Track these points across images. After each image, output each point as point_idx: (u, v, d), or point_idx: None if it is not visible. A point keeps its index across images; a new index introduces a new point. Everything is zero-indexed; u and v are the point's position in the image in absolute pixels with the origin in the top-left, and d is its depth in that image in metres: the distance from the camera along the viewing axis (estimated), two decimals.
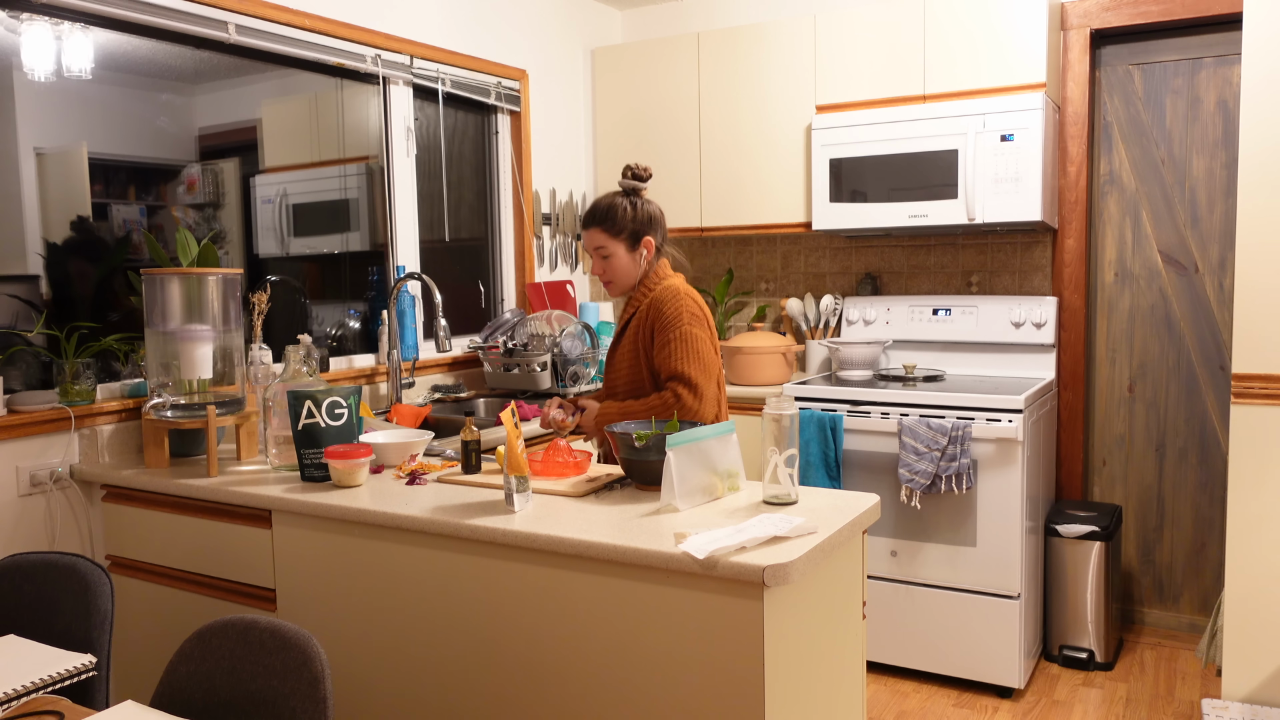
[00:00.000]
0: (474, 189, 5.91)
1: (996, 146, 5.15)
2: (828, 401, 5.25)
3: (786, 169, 5.88)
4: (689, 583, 2.50)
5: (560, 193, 6.39)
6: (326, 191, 4.95)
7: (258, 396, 3.93)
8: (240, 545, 3.42)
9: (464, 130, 5.83)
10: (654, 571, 2.55)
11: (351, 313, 5.13)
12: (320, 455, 3.39)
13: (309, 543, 3.23)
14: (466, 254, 5.87)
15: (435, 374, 5.38)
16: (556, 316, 5.43)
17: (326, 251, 4.97)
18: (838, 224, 5.58)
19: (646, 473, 3.16)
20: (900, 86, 5.50)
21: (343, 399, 3.41)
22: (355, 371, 4.90)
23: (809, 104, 5.78)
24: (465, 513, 2.92)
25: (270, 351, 4.06)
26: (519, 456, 2.92)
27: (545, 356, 5.22)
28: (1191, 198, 5.51)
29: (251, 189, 4.62)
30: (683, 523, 2.75)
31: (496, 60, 5.80)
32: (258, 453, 3.89)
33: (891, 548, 5.11)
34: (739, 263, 6.70)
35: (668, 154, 6.28)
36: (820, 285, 6.42)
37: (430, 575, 2.97)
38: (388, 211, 5.26)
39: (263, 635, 2.39)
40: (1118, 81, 5.64)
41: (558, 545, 2.67)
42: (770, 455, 2.93)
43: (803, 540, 2.56)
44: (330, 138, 4.99)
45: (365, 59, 4.98)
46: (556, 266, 6.38)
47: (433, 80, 5.39)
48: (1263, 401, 4.16)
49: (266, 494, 3.28)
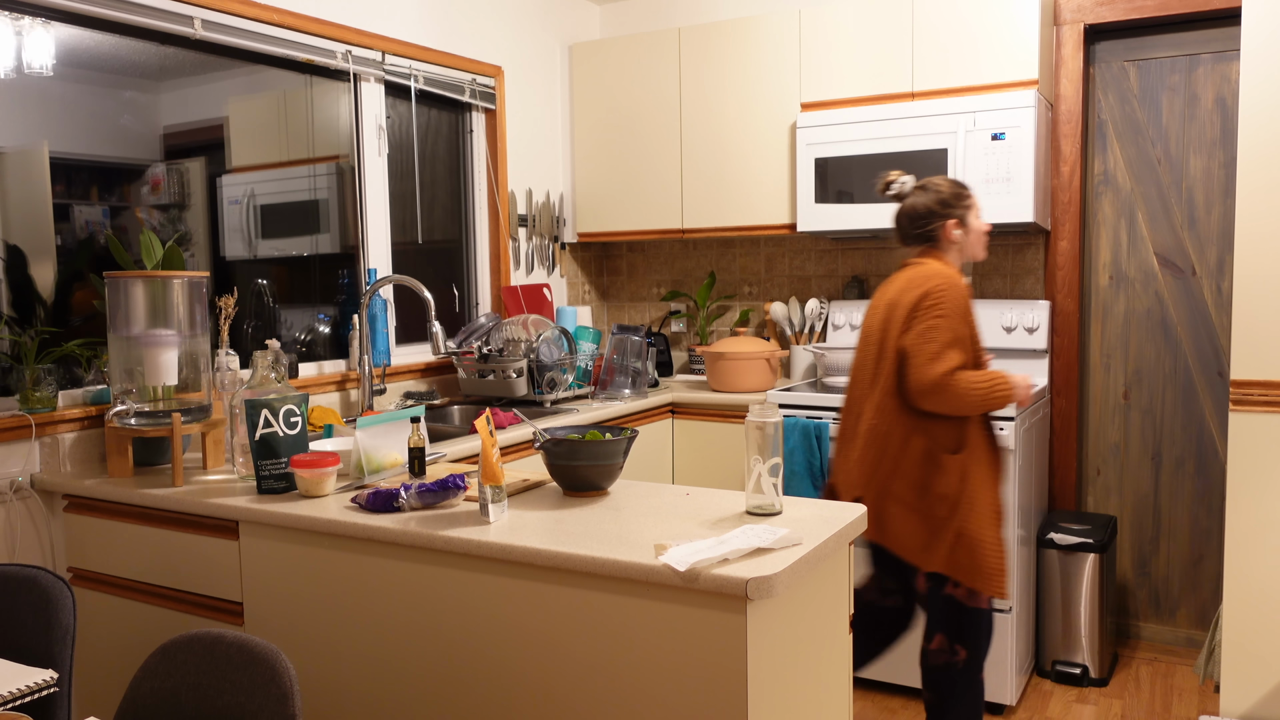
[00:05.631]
0: (448, 189, 5.92)
1: (987, 146, 5.18)
2: (813, 409, 5.27)
3: (770, 169, 5.90)
4: (670, 596, 2.52)
5: (537, 193, 6.40)
6: (295, 192, 4.96)
7: (224, 404, 3.93)
8: (206, 557, 3.43)
9: (437, 129, 5.84)
10: (634, 584, 2.57)
11: (321, 317, 5.13)
12: (279, 465, 3.39)
13: (277, 555, 3.24)
14: (440, 256, 5.88)
15: (408, 380, 5.40)
16: (533, 321, 5.44)
17: (295, 254, 4.98)
18: (823, 225, 5.61)
19: (574, 478, 3.22)
20: (888, 84, 5.52)
21: (296, 407, 3.42)
22: (325, 378, 4.91)
23: (793, 102, 5.80)
24: (439, 523, 2.93)
25: (237, 357, 4.06)
26: (494, 466, 2.94)
27: (521, 362, 5.23)
28: (1189, 198, 5.54)
29: (218, 189, 4.63)
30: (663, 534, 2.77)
31: (471, 57, 5.82)
32: (224, 462, 3.90)
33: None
34: (721, 265, 6.72)
35: (648, 153, 6.31)
36: (805, 289, 6.45)
37: (402, 588, 2.98)
38: (359, 212, 5.27)
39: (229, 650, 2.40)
40: (1112, 78, 5.68)
41: (534, 557, 2.68)
42: (754, 464, 2.94)
43: (787, 552, 2.57)
44: (299, 136, 5.00)
45: (335, 55, 5.00)
46: (533, 269, 6.40)
47: (405, 77, 5.40)
48: (1262, 409, 4.18)
49: (233, 504, 3.29)
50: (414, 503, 3.11)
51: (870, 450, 4.00)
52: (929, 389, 3.84)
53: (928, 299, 3.93)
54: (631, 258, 7.06)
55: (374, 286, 4.93)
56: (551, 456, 3.21)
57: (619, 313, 7.14)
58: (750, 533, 2.66)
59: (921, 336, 3.89)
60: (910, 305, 3.96)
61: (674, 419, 5.81)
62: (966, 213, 4.17)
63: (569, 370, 5.42)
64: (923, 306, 3.93)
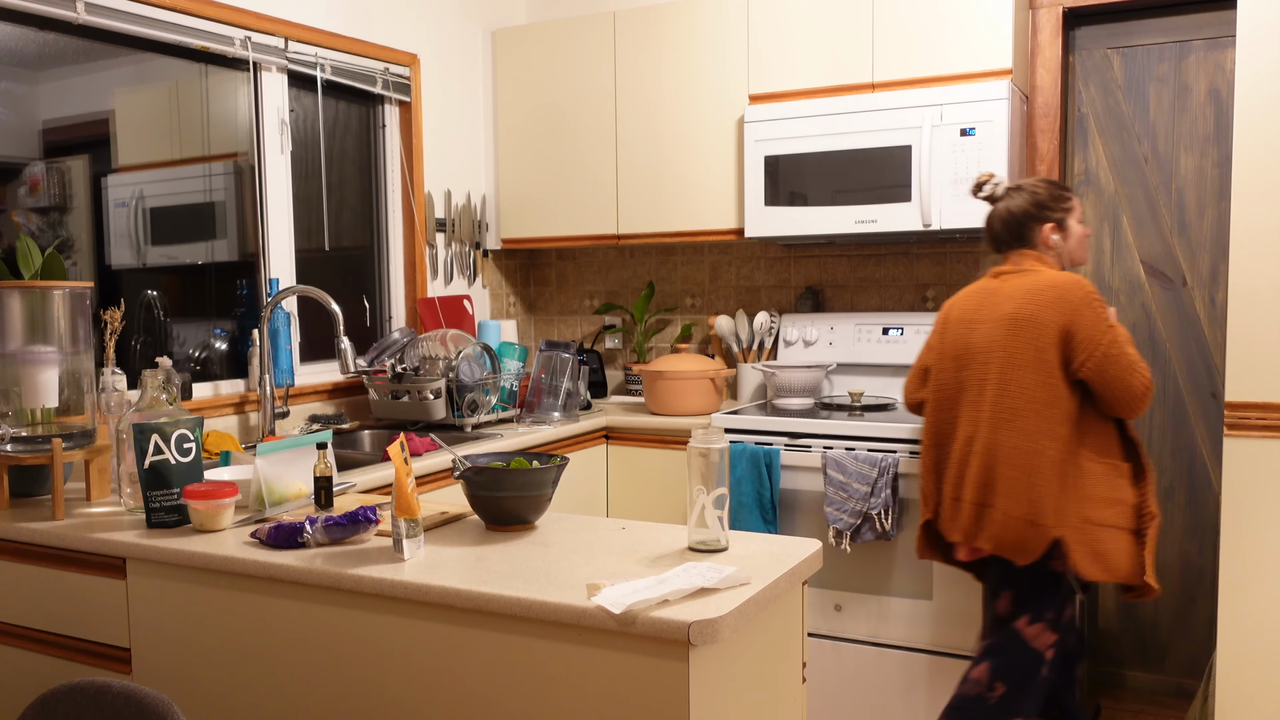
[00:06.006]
0: (358, 191, 5.92)
1: (956, 142, 5.21)
2: (762, 434, 5.29)
3: (715, 168, 5.93)
4: (603, 641, 2.51)
5: (457, 195, 6.41)
6: (189, 193, 4.95)
7: (110, 428, 3.91)
8: (90, 598, 3.41)
9: (347, 123, 5.84)
10: (564, 628, 2.56)
11: (218, 332, 5.12)
12: (172, 496, 3.37)
13: (168, 595, 3.22)
14: (349, 265, 5.88)
15: (314, 402, 5.39)
16: (452, 336, 5.44)
17: (189, 262, 4.96)
18: (774, 231, 5.64)
19: (497, 511, 3.22)
20: (846, 73, 5.55)
21: (189, 431, 3.41)
22: (222, 399, 4.90)
23: (741, 93, 5.83)
24: (348, 561, 2.93)
25: (124, 376, 4.04)
26: (409, 497, 2.93)
27: (439, 383, 5.23)
28: (1179, 200, 5.57)
29: (103, 190, 4.61)
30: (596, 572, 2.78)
31: (384, 44, 5.83)
32: (110, 492, 3.87)
33: (836, 601, 5.15)
34: (661, 275, 6.75)
35: (579, 150, 6.32)
36: (754, 301, 6.48)
37: (308, 631, 2.97)
38: (259, 216, 5.26)
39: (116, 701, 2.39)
40: (1094, 67, 5.71)
41: (453, 598, 2.67)
42: (697, 495, 2.94)
43: (734, 592, 2.57)
44: (194, 132, 4.98)
45: (233, 42, 4.99)
46: (452, 279, 6.41)
47: (311, 66, 5.40)
48: (1260, 434, 4.17)
49: (120, 540, 3.27)
50: (320, 538, 3.10)
51: (1050, 484, 4.06)
52: (1143, 396, 4.06)
53: (1088, 309, 4.08)
54: (561, 266, 7.07)
55: (276, 298, 4.92)
56: (473, 487, 3.21)
57: (548, 327, 7.14)
58: (693, 571, 2.66)
59: (1114, 347, 4.04)
60: (1063, 327, 4.08)
61: (608, 445, 5.83)
62: (1066, 215, 4.33)
63: (492, 391, 5.42)
64: (1087, 319, 4.07)
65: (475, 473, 3.19)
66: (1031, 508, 4.03)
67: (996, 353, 4.17)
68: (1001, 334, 4.16)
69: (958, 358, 4.29)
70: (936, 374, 4.41)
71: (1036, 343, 4.09)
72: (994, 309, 4.23)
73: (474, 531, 3.25)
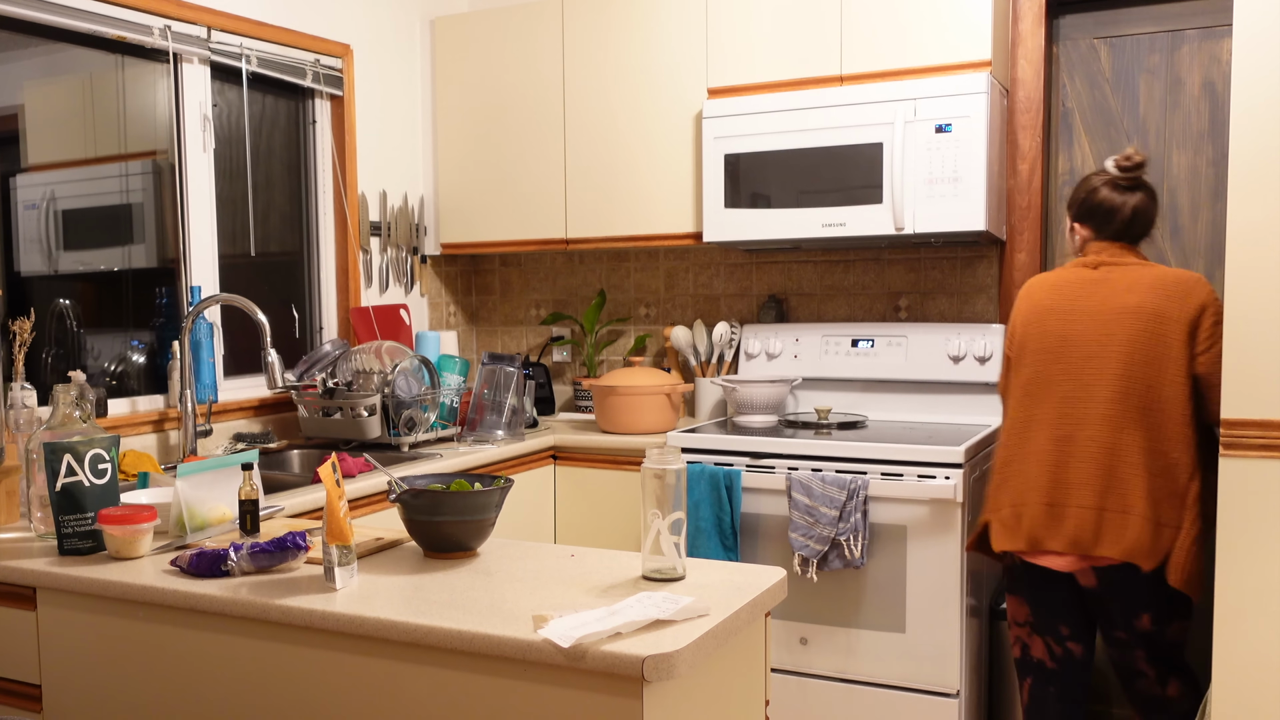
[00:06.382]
0: (286, 192, 5.93)
1: (931, 139, 5.22)
2: (722, 454, 5.31)
3: (671, 167, 5.95)
4: (552, 677, 2.52)
5: (393, 196, 6.42)
6: (104, 194, 4.94)
7: (19, 447, 3.90)
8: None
9: (274, 119, 5.85)
10: (508, 663, 2.56)
11: (135, 344, 5.11)
12: (85, 521, 3.35)
13: (83, 628, 3.22)
14: (277, 271, 5.89)
15: (238, 419, 5.39)
16: (388, 349, 5.45)
17: (104, 268, 4.96)
18: (735, 235, 5.66)
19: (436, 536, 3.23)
20: (812, 65, 5.57)
21: (105, 451, 3.41)
22: (140, 417, 4.89)
23: (699, 87, 5.85)
24: (275, 590, 2.93)
25: (34, 392, 4.03)
26: (341, 522, 2.93)
27: (374, 398, 5.24)
28: (1171, 202, 5.60)
29: (11, 191, 4.61)
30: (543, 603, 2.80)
31: (314, 33, 5.83)
32: (19, 517, 3.86)
33: (801, 634, 5.17)
34: (613, 283, 6.78)
35: (525, 148, 6.33)
36: (713, 310, 6.51)
37: (233, 667, 2.97)
38: (180, 219, 5.25)
39: None
40: (1080, 59, 5.74)
41: (388, 631, 2.68)
42: (651, 520, 2.94)
43: (691, 625, 2.58)
44: (109, 128, 4.98)
45: (152, 31, 4.98)
46: (388, 287, 6.42)
47: (235, 57, 5.40)
48: (1258, 453, 4.13)
49: (29, 568, 3.26)
50: (246, 565, 3.10)
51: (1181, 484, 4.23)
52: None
53: (1214, 305, 4.29)
54: (506, 273, 7.09)
55: (198, 308, 4.91)
56: (410, 511, 3.22)
57: (491, 339, 7.16)
58: (647, 601, 2.66)
59: (1219, 360, 4.18)
60: (1191, 321, 4.25)
61: (556, 465, 5.84)
62: None
63: (431, 408, 5.43)
64: (1212, 314, 4.27)
65: (412, 496, 3.20)
66: (1168, 511, 4.19)
67: (1115, 347, 4.25)
68: (1122, 328, 4.25)
69: (1051, 350, 4.34)
70: (1022, 367, 4.46)
71: (1166, 338, 4.22)
72: (1105, 301, 4.31)
73: (411, 559, 3.26)
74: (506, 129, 6.38)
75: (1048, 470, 4.28)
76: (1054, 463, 4.27)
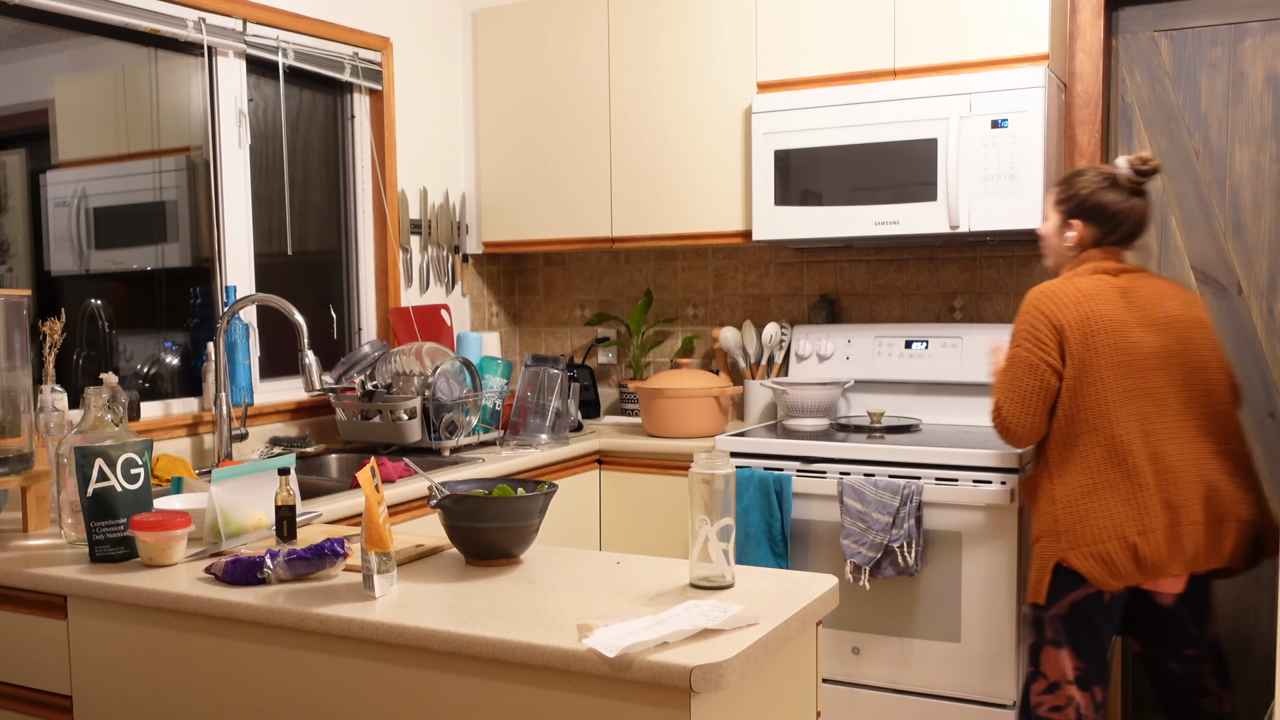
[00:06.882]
0: (324, 189, 5.94)
1: (986, 135, 5.20)
2: (772, 458, 5.30)
3: (720, 163, 5.93)
4: (596, 687, 2.51)
5: (433, 193, 6.43)
6: (137, 191, 4.95)
7: (49, 452, 3.90)
8: (27, 641, 3.41)
9: (312, 114, 5.86)
10: (552, 673, 2.56)
11: (169, 345, 5.13)
12: (118, 527, 3.35)
13: (115, 637, 3.22)
14: (314, 271, 5.90)
15: (275, 423, 5.40)
16: (429, 350, 5.44)
17: (137, 268, 4.98)
18: (785, 233, 5.65)
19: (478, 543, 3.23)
20: (864, 59, 5.55)
21: (137, 455, 3.41)
22: (174, 420, 4.91)
23: (748, 81, 5.84)
24: (313, 599, 2.93)
25: (65, 395, 4.04)
26: (380, 528, 2.93)
27: (414, 401, 5.24)
28: (1233, 199, 5.55)
29: (42, 189, 4.63)
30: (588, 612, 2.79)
31: (353, 25, 5.83)
32: (49, 523, 3.87)
33: (853, 643, 5.16)
34: (659, 282, 6.78)
35: (569, 144, 6.33)
36: (763, 311, 6.51)
37: (269, 677, 2.97)
38: (215, 217, 5.26)
39: None
40: (1140, 53, 5.70)
41: (429, 640, 2.67)
42: (699, 526, 2.94)
43: (740, 634, 2.57)
44: (142, 124, 5.00)
45: (186, 23, 4.99)
46: (429, 287, 6.43)
47: (272, 50, 5.41)
48: None
49: (60, 575, 3.27)
50: (282, 573, 3.11)
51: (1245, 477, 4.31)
52: None
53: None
54: (549, 272, 7.10)
55: (233, 308, 4.92)
56: (451, 517, 3.22)
57: (534, 340, 7.17)
58: (695, 610, 2.66)
59: None
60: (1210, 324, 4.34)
61: (601, 470, 5.84)
62: None
63: (472, 411, 5.44)
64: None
65: (454, 501, 3.20)
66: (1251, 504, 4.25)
67: (1176, 359, 4.24)
68: (1175, 338, 4.25)
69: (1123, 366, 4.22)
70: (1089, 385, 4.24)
71: (1207, 343, 4.28)
72: (1150, 311, 4.26)
73: (453, 566, 3.26)
74: (550, 124, 6.38)
75: (1155, 493, 4.17)
76: (1157, 485, 4.18)
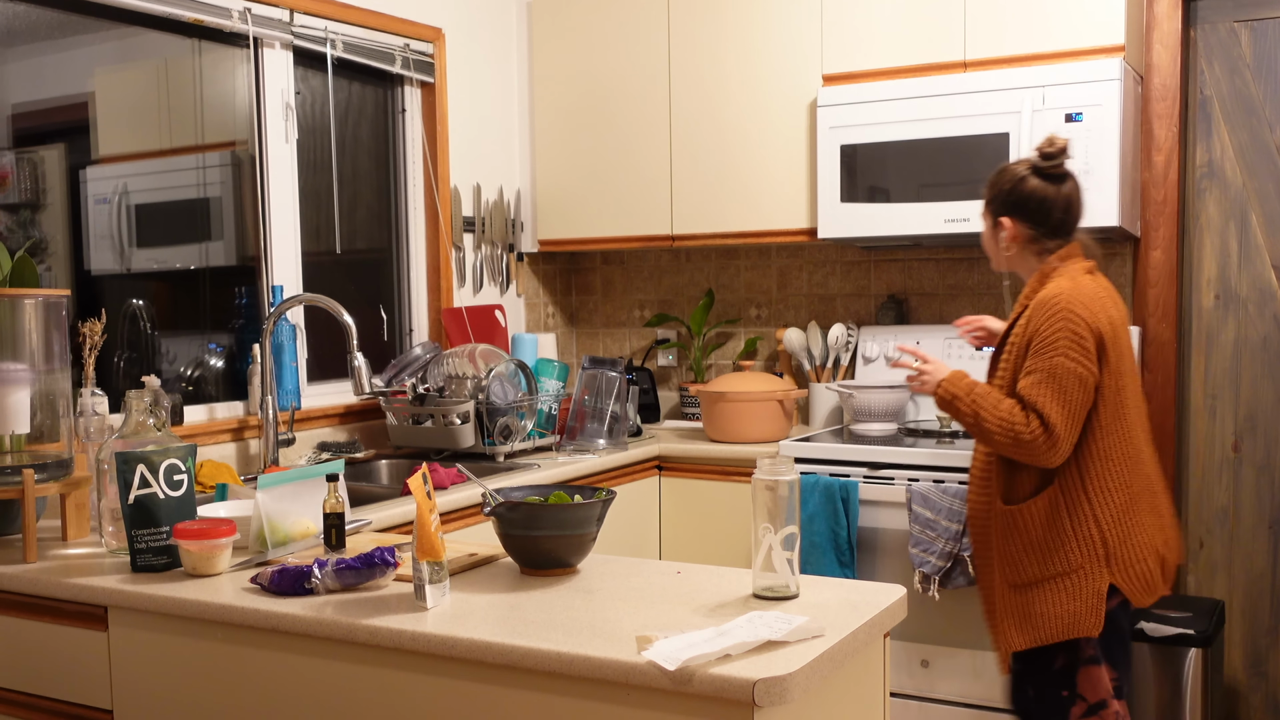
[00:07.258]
0: (374, 185, 5.94)
1: (1060, 129, 5.14)
2: (838, 464, 5.28)
3: (784, 159, 5.91)
4: (656, 701, 2.50)
5: (487, 190, 6.42)
6: (180, 188, 4.96)
7: (89, 457, 3.90)
8: (67, 653, 3.40)
9: (361, 108, 5.86)
10: (610, 686, 2.54)
11: (213, 347, 5.13)
12: (160, 535, 3.34)
13: (157, 649, 3.22)
14: (364, 270, 5.90)
15: (322, 427, 5.39)
16: (482, 352, 5.43)
17: (180, 266, 4.98)
18: (851, 231, 5.63)
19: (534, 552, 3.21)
20: (934, 50, 5.53)
21: (180, 461, 3.40)
22: (218, 424, 4.90)
23: (813, 74, 5.81)
24: (362, 610, 2.92)
25: (106, 398, 4.04)
26: (432, 536, 2.92)
27: (467, 405, 5.23)
28: None
29: (82, 184, 4.63)
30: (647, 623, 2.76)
31: (404, 16, 5.84)
32: (90, 531, 3.86)
33: (923, 655, 5.14)
34: (722, 282, 6.75)
35: (628, 139, 6.32)
36: (828, 311, 6.47)
37: (317, 690, 2.96)
38: (261, 214, 5.26)
39: None
40: (1219, 44, 5.67)
41: (483, 652, 2.66)
42: (763, 534, 2.93)
43: (805, 646, 2.55)
44: (185, 117, 5.00)
45: (231, 13, 4.99)
46: (482, 287, 6.42)
47: (320, 42, 5.41)
48: None
49: (101, 585, 3.27)
50: (331, 583, 3.10)
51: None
52: None
53: None
54: (607, 272, 7.08)
55: (280, 308, 4.92)
56: (505, 525, 3.20)
57: (591, 342, 7.15)
58: (758, 621, 2.65)
59: None
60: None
61: (661, 476, 5.82)
62: None
63: (528, 415, 5.42)
64: None
65: (508, 509, 3.18)
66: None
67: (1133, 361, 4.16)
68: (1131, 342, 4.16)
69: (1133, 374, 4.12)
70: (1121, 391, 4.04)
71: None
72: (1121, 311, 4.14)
73: (507, 576, 3.25)
74: (608, 118, 6.36)
75: (1165, 502, 4.15)
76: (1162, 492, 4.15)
